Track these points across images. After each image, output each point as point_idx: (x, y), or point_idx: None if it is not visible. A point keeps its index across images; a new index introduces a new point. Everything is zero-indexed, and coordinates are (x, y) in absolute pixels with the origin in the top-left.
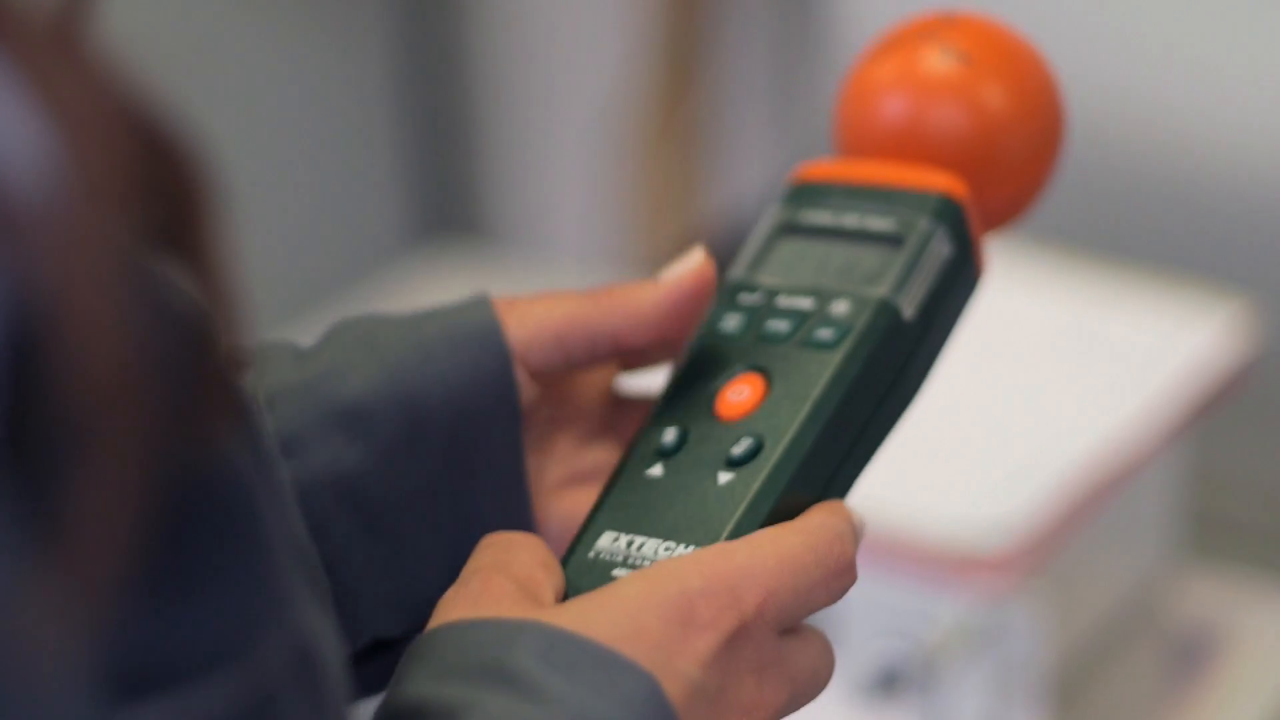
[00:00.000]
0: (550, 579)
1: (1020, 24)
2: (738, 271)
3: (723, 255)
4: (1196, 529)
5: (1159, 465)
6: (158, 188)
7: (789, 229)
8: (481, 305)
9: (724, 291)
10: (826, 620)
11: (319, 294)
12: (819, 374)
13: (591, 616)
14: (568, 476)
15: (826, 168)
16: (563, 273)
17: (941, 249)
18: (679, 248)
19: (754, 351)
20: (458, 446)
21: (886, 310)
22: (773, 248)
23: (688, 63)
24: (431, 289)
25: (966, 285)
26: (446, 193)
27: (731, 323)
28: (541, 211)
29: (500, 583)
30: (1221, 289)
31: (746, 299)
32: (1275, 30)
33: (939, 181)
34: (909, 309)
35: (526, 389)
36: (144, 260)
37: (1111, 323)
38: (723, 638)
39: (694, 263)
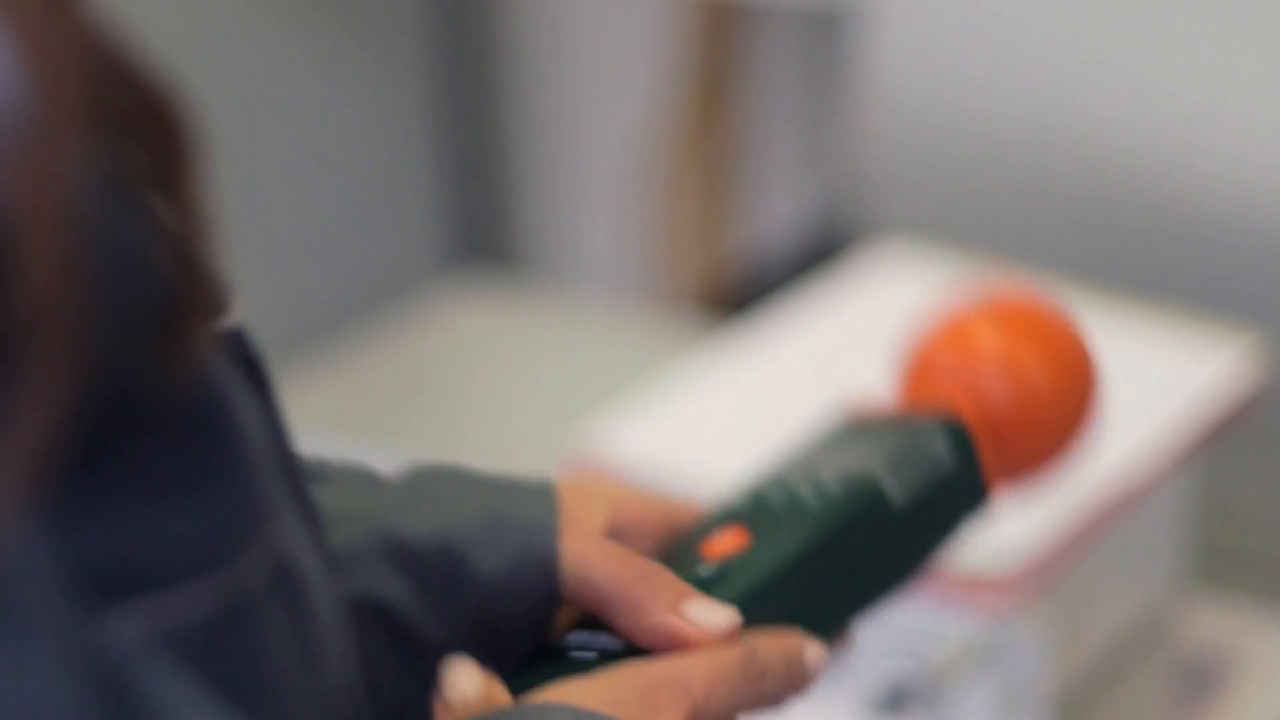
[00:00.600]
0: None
1: (1034, 60)
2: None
3: (750, 287)
4: (1203, 556)
5: (1167, 493)
6: (137, 128)
7: (815, 440)
8: (546, 501)
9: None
10: None
11: (349, 317)
12: (794, 529)
13: (585, 691)
14: None
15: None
16: (590, 301)
17: (940, 451)
18: (707, 278)
19: (746, 512)
20: (490, 610)
21: (869, 484)
22: (794, 451)
23: (717, 94)
24: (461, 315)
25: (967, 499)
26: (477, 220)
27: (736, 501)
28: (571, 240)
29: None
30: (1231, 322)
31: (752, 481)
32: None
33: (949, 408)
34: (896, 493)
35: (568, 587)
36: (113, 189)
37: (1122, 354)
38: (683, 716)
39: (723, 622)
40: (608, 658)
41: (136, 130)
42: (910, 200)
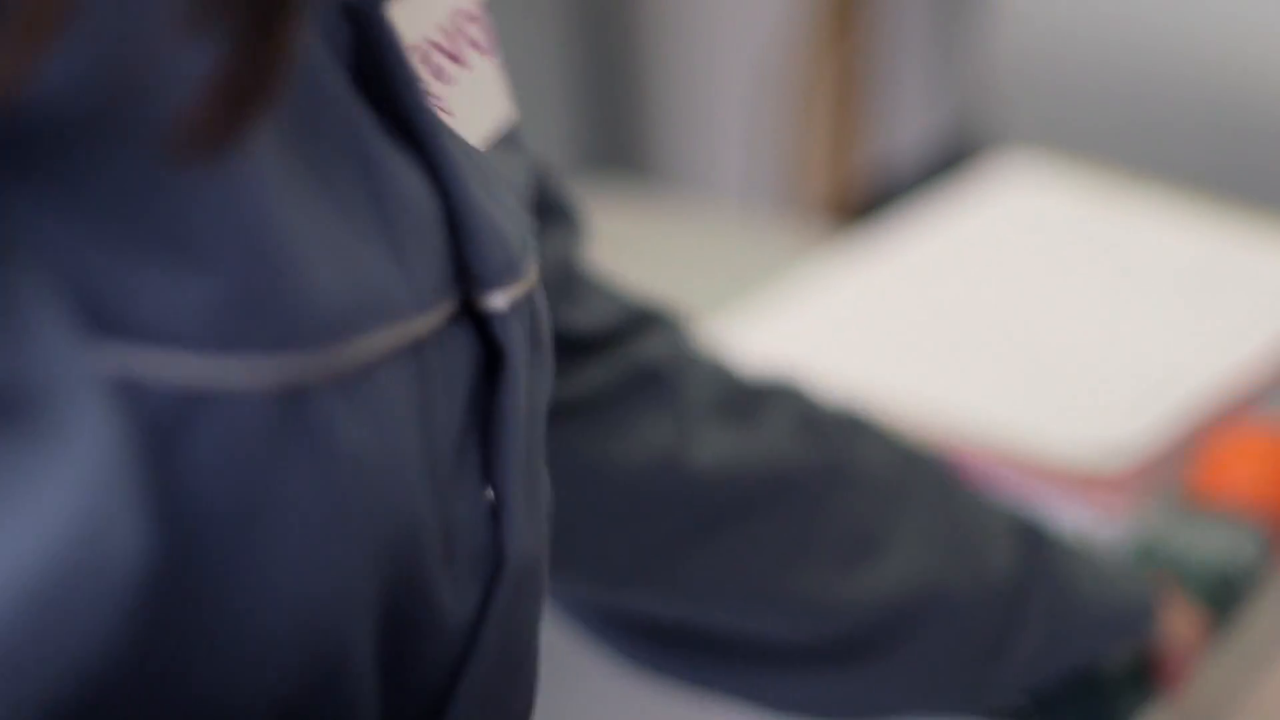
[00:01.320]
0: None
1: None
2: None
3: (878, 198)
4: None
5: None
6: None
7: None
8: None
9: None
10: None
11: None
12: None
13: None
14: None
15: None
16: (720, 210)
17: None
18: (836, 191)
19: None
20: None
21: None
22: None
23: (849, 6)
24: (592, 222)
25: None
26: (611, 128)
27: None
28: (703, 150)
29: None
30: None
31: None
32: None
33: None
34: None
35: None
36: None
37: (1239, 262)
38: None
39: None
40: None
41: None
42: (1037, 112)
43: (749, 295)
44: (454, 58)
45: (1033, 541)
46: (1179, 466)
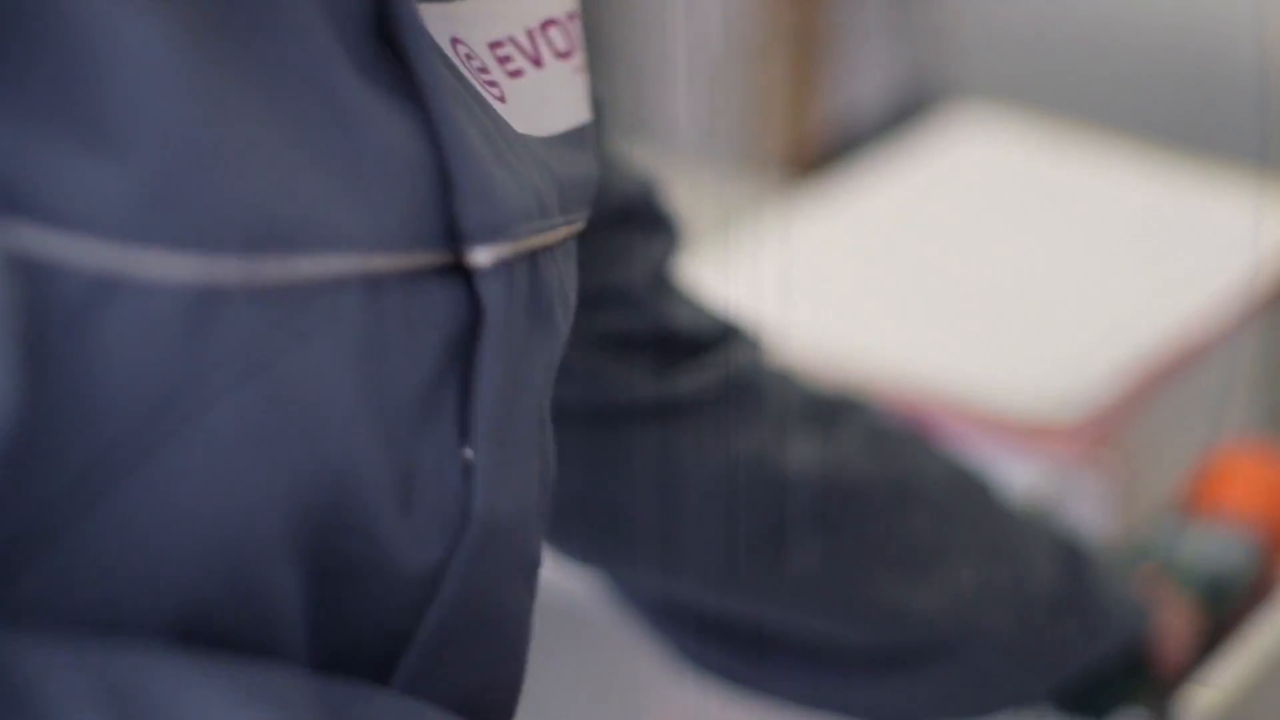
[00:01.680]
0: None
1: None
2: None
3: (836, 152)
4: (1267, 411)
5: (1232, 347)
6: None
7: None
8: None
9: None
10: None
11: None
12: None
13: None
14: None
15: None
16: (678, 164)
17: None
18: (793, 145)
19: None
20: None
21: None
22: None
23: None
24: None
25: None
26: None
27: None
28: (660, 105)
29: None
30: None
31: None
32: None
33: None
34: None
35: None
36: None
37: (1192, 212)
38: None
39: None
40: None
41: None
42: (993, 65)
43: (706, 247)
44: (533, 58)
45: (1069, 551)
46: (1130, 417)
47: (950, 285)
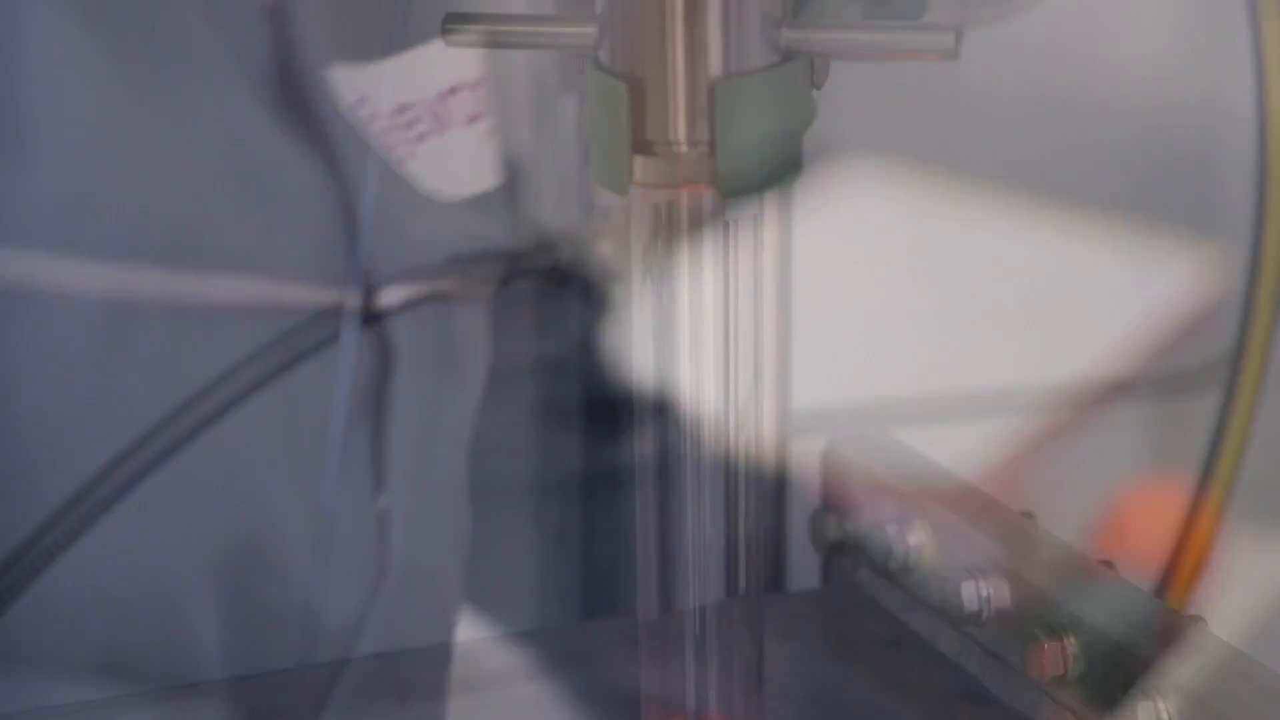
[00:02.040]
0: None
1: None
2: None
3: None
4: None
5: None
6: None
7: None
8: None
9: None
10: None
11: None
12: None
13: None
14: None
15: None
16: None
17: None
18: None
19: None
20: None
21: None
22: None
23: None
24: None
25: None
26: None
27: None
28: None
29: None
30: (1189, 236)
31: None
32: None
33: None
34: None
35: None
36: None
37: (1078, 268)
38: None
39: None
40: None
41: None
42: (869, 118)
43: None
44: (440, 122)
45: None
46: (1016, 481)
47: (829, 346)
